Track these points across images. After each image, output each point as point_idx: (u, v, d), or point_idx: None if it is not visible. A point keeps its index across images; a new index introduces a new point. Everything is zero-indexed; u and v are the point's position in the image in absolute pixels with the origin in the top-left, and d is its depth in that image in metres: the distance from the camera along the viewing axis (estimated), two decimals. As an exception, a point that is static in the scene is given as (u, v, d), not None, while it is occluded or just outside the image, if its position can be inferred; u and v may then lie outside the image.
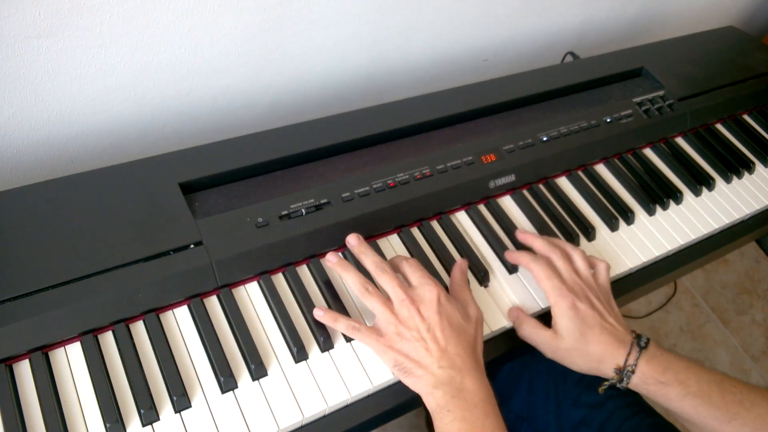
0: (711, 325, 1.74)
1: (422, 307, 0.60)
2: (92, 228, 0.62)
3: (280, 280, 0.67)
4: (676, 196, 0.87)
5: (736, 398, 0.62)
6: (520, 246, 0.75)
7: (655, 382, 0.63)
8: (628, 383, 0.64)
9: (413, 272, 0.64)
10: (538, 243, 0.72)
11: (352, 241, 0.67)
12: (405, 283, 0.63)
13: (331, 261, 0.65)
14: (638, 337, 0.65)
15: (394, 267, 0.65)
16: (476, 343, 0.62)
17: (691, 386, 0.62)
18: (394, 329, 0.60)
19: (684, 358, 0.65)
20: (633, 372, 0.63)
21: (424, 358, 0.58)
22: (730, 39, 1.17)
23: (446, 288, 0.69)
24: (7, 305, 0.56)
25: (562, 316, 0.65)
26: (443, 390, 0.57)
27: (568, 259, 0.70)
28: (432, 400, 0.57)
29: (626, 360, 0.63)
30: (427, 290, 0.61)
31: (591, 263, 0.71)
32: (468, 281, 0.69)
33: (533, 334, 0.67)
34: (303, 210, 0.68)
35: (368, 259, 0.64)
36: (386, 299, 0.61)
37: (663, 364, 0.64)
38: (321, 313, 0.62)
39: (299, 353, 0.61)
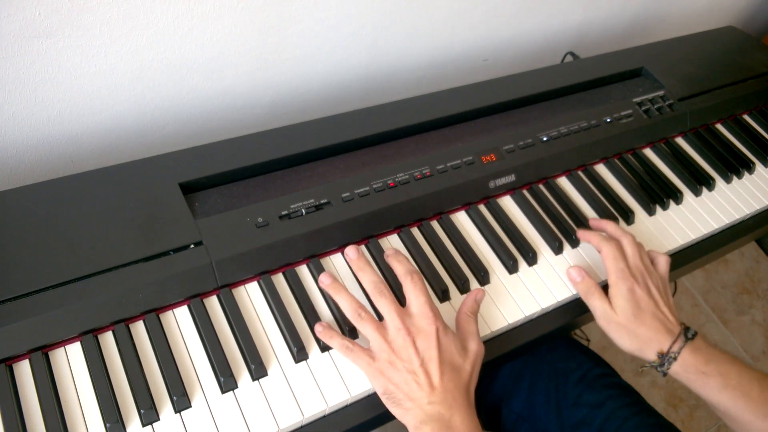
0: (711, 325, 1.74)
1: (418, 338, 0.59)
2: (92, 228, 0.62)
3: (280, 280, 0.67)
4: (676, 196, 0.87)
5: None
6: (521, 242, 0.75)
7: (696, 371, 0.65)
8: (668, 368, 0.66)
9: (416, 297, 0.61)
10: (611, 227, 0.76)
11: (351, 254, 0.65)
12: (402, 309, 0.61)
13: (324, 283, 0.64)
14: (687, 329, 0.68)
15: (398, 274, 0.64)
16: (470, 380, 0.60)
17: (732, 379, 0.65)
18: (387, 357, 0.58)
19: (729, 354, 0.68)
20: (675, 359, 0.66)
21: (414, 391, 0.57)
22: (730, 39, 1.17)
23: (449, 293, 0.69)
24: (7, 305, 0.56)
25: (619, 296, 0.69)
26: (431, 426, 0.55)
27: (638, 246, 0.73)
28: None
29: (670, 347, 0.66)
30: (425, 322, 0.59)
31: (652, 256, 0.74)
32: (478, 311, 0.66)
33: (595, 301, 0.70)
34: (303, 210, 0.68)
35: (367, 278, 0.63)
36: (380, 324, 0.60)
37: (706, 356, 0.66)
38: (320, 329, 0.62)
39: (299, 353, 0.61)
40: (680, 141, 0.97)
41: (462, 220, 0.78)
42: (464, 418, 0.57)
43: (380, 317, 0.62)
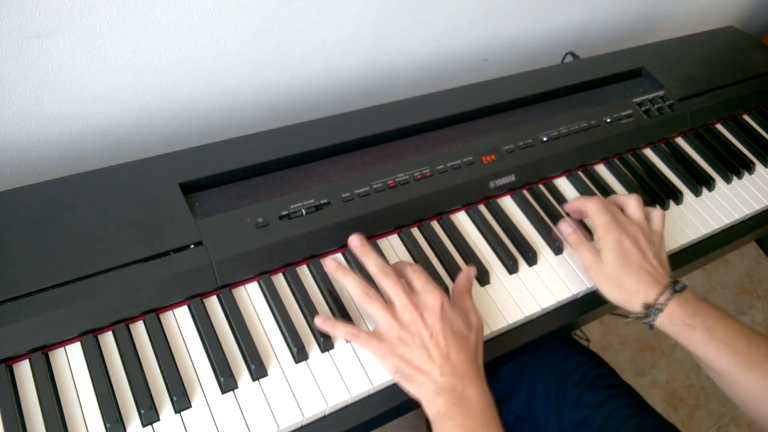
0: (711, 325, 1.74)
1: (425, 313, 0.59)
2: (92, 228, 0.62)
3: (280, 280, 0.67)
4: (676, 196, 0.87)
5: (762, 351, 0.64)
6: (521, 242, 0.75)
7: (682, 323, 0.65)
8: (654, 320, 0.66)
9: (417, 278, 0.63)
10: (590, 200, 0.76)
11: (355, 242, 0.66)
12: (407, 289, 0.62)
13: (330, 267, 0.64)
14: (675, 282, 0.67)
15: (398, 271, 0.65)
16: (477, 350, 0.61)
17: (718, 333, 0.64)
18: (396, 334, 0.59)
19: (717, 308, 0.67)
20: (661, 311, 0.65)
21: (425, 365, 0.58)
22: (730, 39, 1.17)
23: (449, 293, 0.69)
24: (7, 305, 0.56)
25: (606, 248, 0.69)
26: (445, 397, 0.56)
27: (620, 206, 0.74)
28: (433, 408, 0.57)
29: (657, 298, 0.66)
30: (430, 297, 0.61)
31: (645, 211, 0.74)
32: (471, 288, 0.68)
33: (584, 252, 0.70)
34: (303, 210, 0.68)
35: (371, 261, 0.63)
36: (387, 304, 0.61)
37: (694, 308, 0.66)
38: (320, 321, 0.62)
39: (299, 353, 0.61)
40: (680, 141, 0.97)
41: (462, 220, 0.78)
42: (476, 388, 0.58)
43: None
